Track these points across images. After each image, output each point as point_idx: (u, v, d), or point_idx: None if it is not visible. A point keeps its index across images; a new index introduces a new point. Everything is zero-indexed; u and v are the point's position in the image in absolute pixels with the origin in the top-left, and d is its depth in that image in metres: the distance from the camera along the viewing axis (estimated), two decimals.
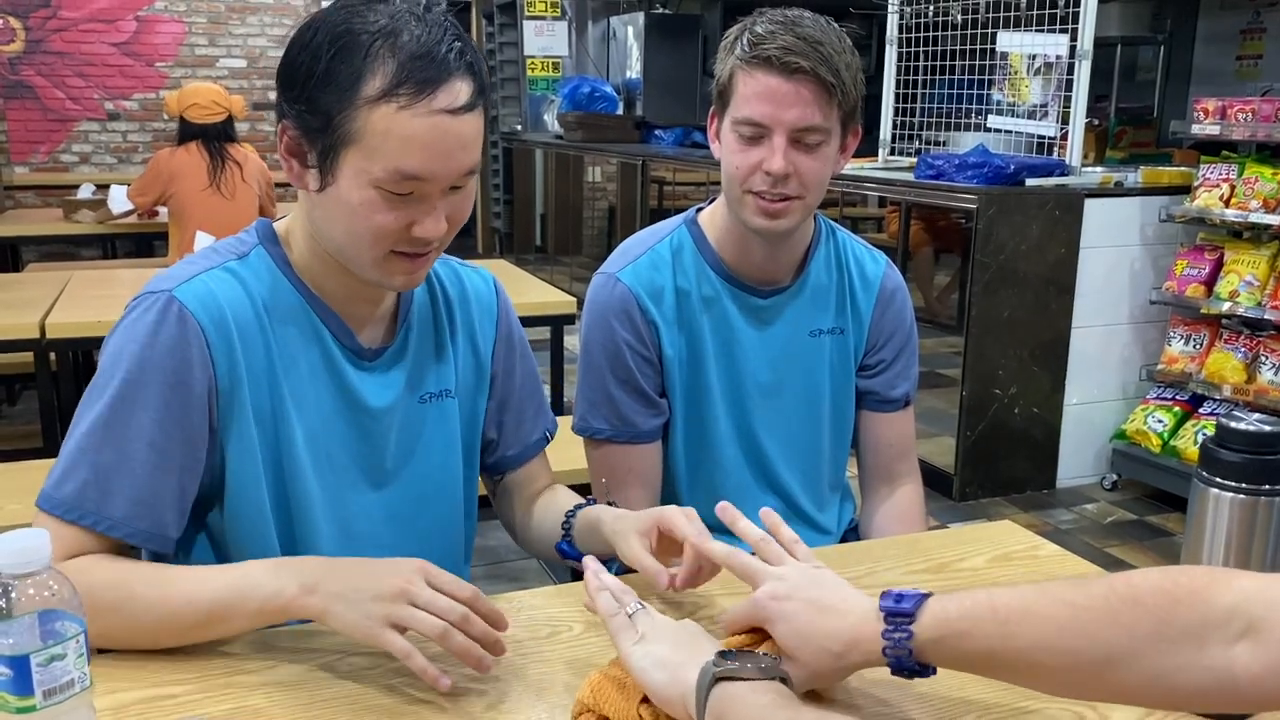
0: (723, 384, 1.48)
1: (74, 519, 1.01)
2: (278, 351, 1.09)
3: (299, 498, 1.11)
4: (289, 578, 0.96)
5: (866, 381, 1.56)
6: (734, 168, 1.36)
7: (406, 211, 1.02)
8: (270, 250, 1.11)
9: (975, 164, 3.55)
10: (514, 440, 1.31)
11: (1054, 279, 3.57)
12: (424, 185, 1.01)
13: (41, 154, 7.33)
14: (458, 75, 0.99)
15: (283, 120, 1.04)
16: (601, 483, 1.32)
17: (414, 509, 1.20)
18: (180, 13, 7.45)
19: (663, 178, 5.90)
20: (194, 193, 3.99)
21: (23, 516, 2.03)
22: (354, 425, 1.14)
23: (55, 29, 7.20)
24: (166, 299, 1.04)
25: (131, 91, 7.43)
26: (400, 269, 1.06)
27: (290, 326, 1.10)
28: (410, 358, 1.18)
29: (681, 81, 6.72)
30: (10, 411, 4.39)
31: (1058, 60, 3.59)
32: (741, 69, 1.33)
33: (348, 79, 0.98)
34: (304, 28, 1.02)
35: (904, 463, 1.60)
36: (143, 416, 1.02)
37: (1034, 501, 3.68)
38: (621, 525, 1.11)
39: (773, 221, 1.37)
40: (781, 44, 1.29)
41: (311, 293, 1.11)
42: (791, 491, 1.54)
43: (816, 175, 1.35)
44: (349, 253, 1.06)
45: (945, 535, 1.36)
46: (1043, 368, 3.64)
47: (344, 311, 1.12)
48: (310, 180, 1.04)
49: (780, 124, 1.31)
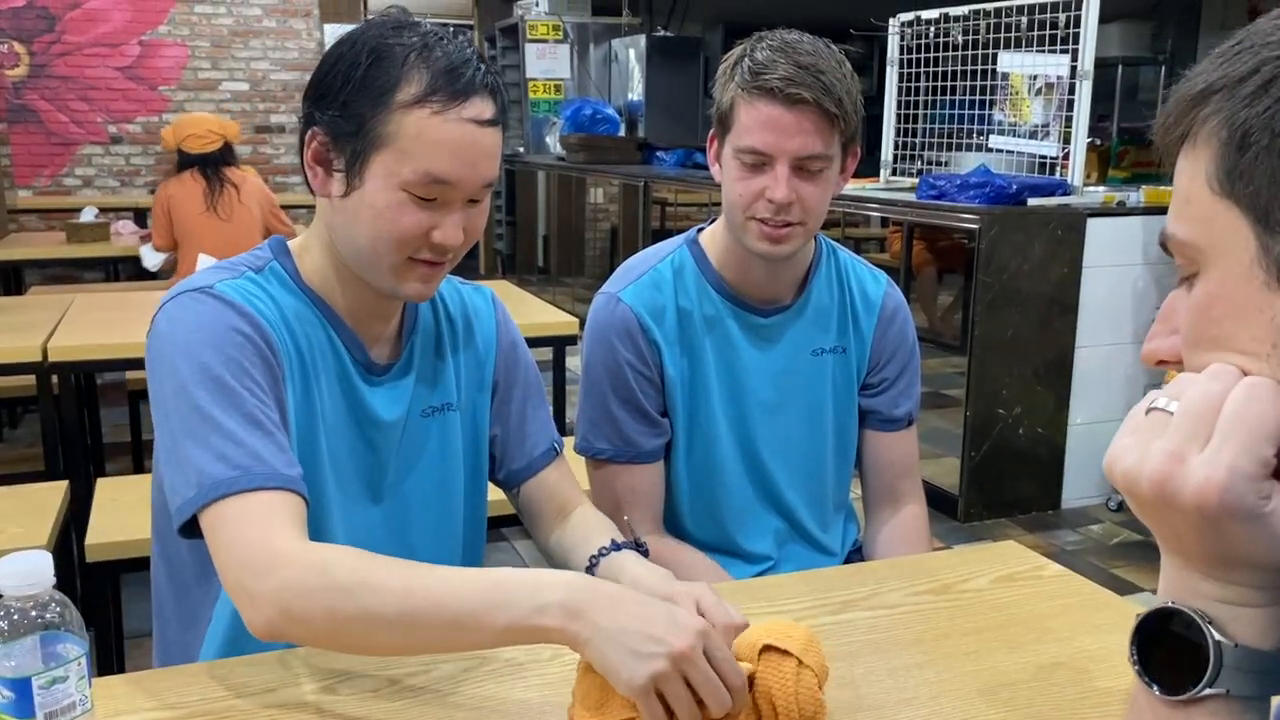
0: (725, 404, 1.48)
1: (245, 485, 0.96)
2: (305, 356, 1.11)
3: (318, 502, 1.12)
4: (551, 595, 0.88)
5: (869, 401, 1.56)
6: (736, 195, 1.37)
7: (430, 216, 1.06)
8: (284, 264, 1.13)
9: (977, 184, 3.56)
10: (518, 451, 1.30)
11: (1057, 298, 3.57)
12: (449, 191, 1.05)
13: (45, 177, 7.36)
14: (483, 92, 1.06)
15: (311, 128, 1.08)
16: (625, 520, 1.30)
17: (410, 522, 1.21)
18: (183, 37, 7.49)
19: (665, 199, 5.91)
20: (192, 216, 4.02)
21: (25, 539, 2.04)
22: (362, 437, 1.16)
23: (59, 53, 7.24)
24: (207, 293, 1.05)
25: (135, 115, 7.47)
26: (416, 276, 1.09)
27: (309, 336, 1.12)
28: (414, 372, 1.20)
29: (683, 103, 6.75)
30: (12, 435, 4.39)
31: (1059, 81, 3.60)
32: (743, 97, 1.33)
33: (384, 85, 1.03)
34: (342, 41, 1.08)
35: (908, 482, 1.59)
36: (238, 386, 1.00)
37: (1039, 522, 3.66)
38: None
39: (776, 246, 1.37)
40: (783, 74, 1.29)
41: (326, 306, 1.13)
42: (795, 512, 1.53)
43: (818, 201, 1.36)
44: (369, 258, 1.08)
45: (949, 556, 1.35)
46: (1047, 387, 3.64)
47: (356, 325, 1.15)
48: (335, 185, 1.07)
49: (783, 153, 1.32)
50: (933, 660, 1.06)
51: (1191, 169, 0.58)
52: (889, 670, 1.04)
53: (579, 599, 0.87)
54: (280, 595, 0.91)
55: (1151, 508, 0.59)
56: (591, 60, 7.61)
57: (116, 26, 7.34)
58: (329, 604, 0.90)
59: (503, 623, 0.88)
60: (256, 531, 0.94)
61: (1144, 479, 0.58)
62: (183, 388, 1.00)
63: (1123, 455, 0.60)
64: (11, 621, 0.77)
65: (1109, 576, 3.21)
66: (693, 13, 7.39)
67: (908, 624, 1.14)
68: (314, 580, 0.91)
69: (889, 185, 4.25)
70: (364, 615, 0.90)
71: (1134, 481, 0.59)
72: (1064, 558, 3.31)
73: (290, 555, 0.93)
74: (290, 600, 0.91)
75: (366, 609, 0.90)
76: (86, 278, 5.97)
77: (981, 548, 1.38)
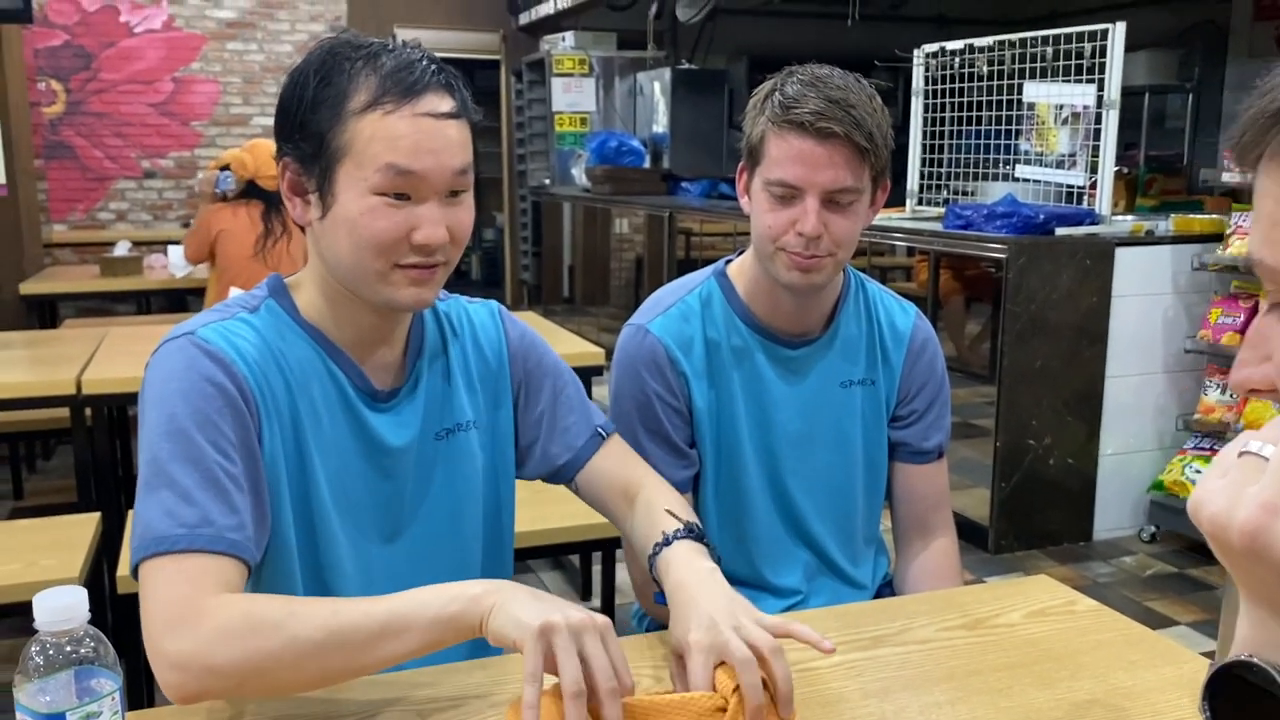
0: (753, 435, 1.48)
1: (186, 546, 0.96)
2: (297, 395, 1.10)
3: (325, 540, 1.12)
4: (470, 590, 0.95)
5: (899, 433, 1.55)
6: (766, 227, 1.37)
7: (406, 216, 1.05)
8: (280, 302, 1.13)
9: (1004, 214, 3.55)
10: (560, 447, 1.27)
11: (1086, 328, 3.55)
12: (417, 182, 1.04)
13: (80, 212, 7.48)
14: (436, 88, 1.06)
15: (282, 159, 1.09)
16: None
17: (429, 549, 1.19)
18: (215, 73, 7.62)
19: (690, 229, 5.93)
20: (239, 256, 4.00)
21: (58, 571, 2.06)
22: (373, 466, 1.15)
23: (95, 90, 7.38)
24: (189, 340, 1.06)
25: (167, 150, 7.59)
26: (408, 281, 1.08)
27: (305, 372, 1.11)
28: (423, 396, 1.18)
29: (707, 134, 6.78)
30: (45, 466, 4.43)
31: (1085, 110, 3.60)
32: (773, 131, 1.34)
33: (335, 98, 1.04)
34: (293, 70, 1.09)
35: (938, 515, 1.58)
36: (201, 439, 1.00)
37: (1071, 554, 3.62)
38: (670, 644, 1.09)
39: (805, 277, 1.37)
40: (813, 108, 1.30)
41: (323, 337, 1.13)
42: (824, 545, 1.52)
43: (848, 233, 1.36)
44: (357, 272, 1.07)
45: (980, 590, 1.34)
46: (1077, 417, 3.60)
47: (356, 354, 1.14)
48: (313, 210, 1.08)
49: (813, 186, 1.32)
50: (964, 697, 1.05)
51: (1276, 189, 0.55)
52: (920, 707, 1.03)
53: (491, 588, 0.95)
54: (200, 649, 0.91)
55: (1240, 558, 0.56)
56: (617, 93, 7.66)
57: (151, 64, 7.48)
58: (255, 644, 0.91)
59: (426, 618, 0.93)
60: (182, 592, 0.94)
61: (1234, 528, 0.55)
62: (150, 438, 1.01)
63: (1210, 499, 0.57)
64: (47, 657, 0.77)
65: (1142, 610, 3.16)
66: (717, 45, 7.44)
67: (939, 660, 1.13)
68: (238, 624, 0.92)
69: (915, 215, 4.24)
70: (292, 643, 0.92)
71: (1222, 529, 0.56)
72: (1096, 590, 3.27)
73: (213, 609, 0.93)
74: (212, 651, 0.91)
75: (295, 636, 0.92)
76: (119, 311, 6.05)
77: (1013, 582, 1.37)
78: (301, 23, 7.75)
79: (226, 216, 4.05)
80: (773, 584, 1.51)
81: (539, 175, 7.93)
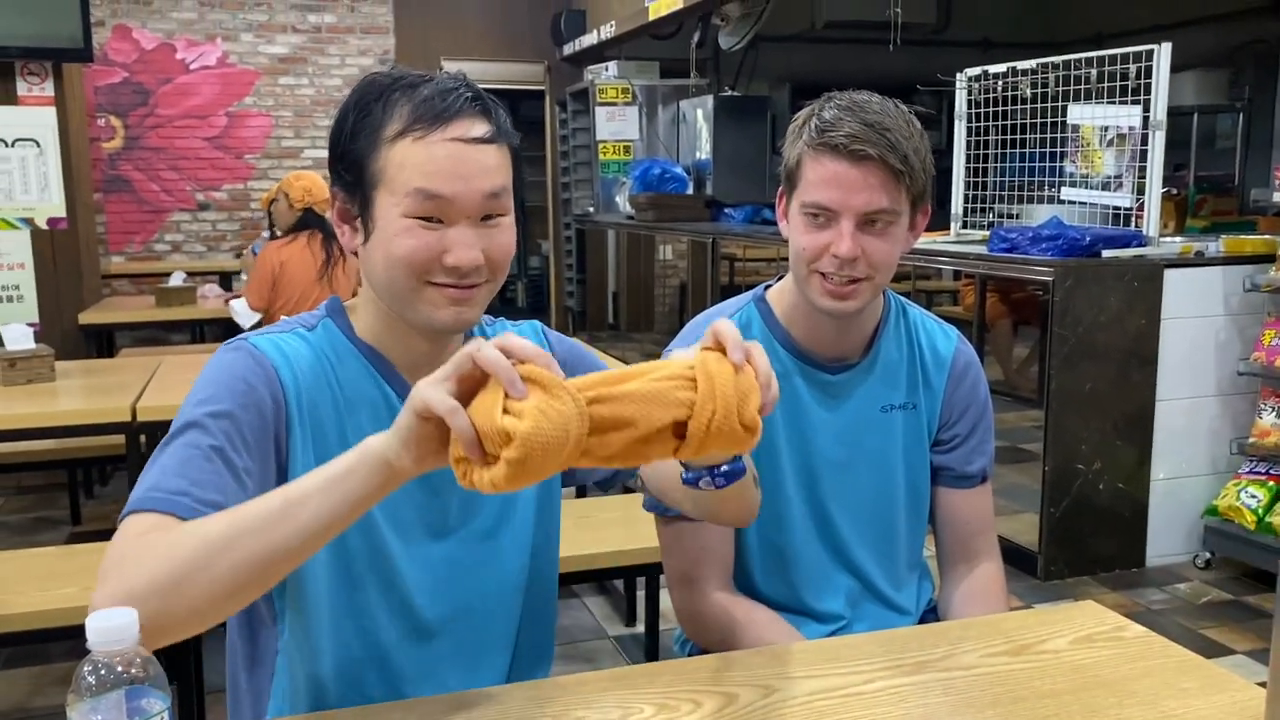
0: (793, 461, 1.47)
1: (153, 507, 0.97)
2: (345, 410, 1.12)
3: (376, 549, 1.13)
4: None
5: (941, 457, 1.54)
6: (802, 249, 1.38)
7: (438, 238, 1.06)
8: (337, 322, 1.16)
9: (1050, 236, 3.52)
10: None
11: (1136, 351, 3.50)
12: (447, 207, 1.06)
13: (136, 244, 7.66)
14: (471, 113, 1.07)
15: (333, 189, 1.13)
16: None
17: (475, 560, 1.20)
18: (268, 107, 7.79)
19: (733, 254, 5.94)
20: (306, 282, 4.08)
21: None
22: (421, 482, 1.14)
23: (152, 126, 7.57)
24: (240, 343, 1.11)
25: (221, 183, 7.76)
26: (442, 301, 1.08)
27: (356, 388, 1.13)
28: None
29: (751, 161, 6.79)
30: (102, 492, 4.53)
31: (1131, 131, 3.56)
32: (809, 154, 1.35)
33: (371, 127, 1.07)
34: (341, 103, 1.12)
35: (982, 540, 1.57)
36: (215, 428, 1.03)
37: (1123, 580, 3.55)
38: None
39: (841, 303, 1.37)
40: (848, 131, 1.31)
41: (376, 355, 1.15)
42: (867, 570, 1.51)
43: (885, 256, 1.36)
44: (392, 292, 1.09)
45: (1026, 616, 1.32)
46: (1127, 441, 3.55)
47: (410, 375, 1.15)
48: (358, 236, 1.11)
49: (848, 209, 1.33)
50: None
51: None
52: None
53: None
54: (122, 579, 0.90)
55: None
56: (660, 121, 7.71)
57: (205, 99, 7.67)
58: (166, 554, 0.90)
59: (321, 480, 0.89)
60: (128, 540, 0.95)
61: None
62: (174, 427, 1.05)
63: None
64: (99, 676, 0.79)
65: (1198, 638, 3.09)
66: (759, 72, 7.47)
67: (983, 686, 1.12)
68: (152, 543, 0.91)
69: (960, 238, 4.22)
70: (202, 543, 0.90)
71: None
72: (1150, 617, 3.20)
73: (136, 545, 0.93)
74: (129, 575, 0.90)
75: (204, 535, 0.90)
76: (174, 339, 6.18)
77: (1060, 607, 1.35)
78: (351, 57, 7.90)
79: (285, 252, 4.14)
80: (815, 609, 1.50)
81: (583, 203, 7.99)
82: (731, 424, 0.85)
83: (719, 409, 0.85)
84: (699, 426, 0.85)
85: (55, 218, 4.55)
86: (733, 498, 1.15)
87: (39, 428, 2.76)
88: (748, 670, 1.15)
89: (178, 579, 0.89)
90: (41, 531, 3.98)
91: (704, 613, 1.46)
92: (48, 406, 2.78)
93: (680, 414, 0.85)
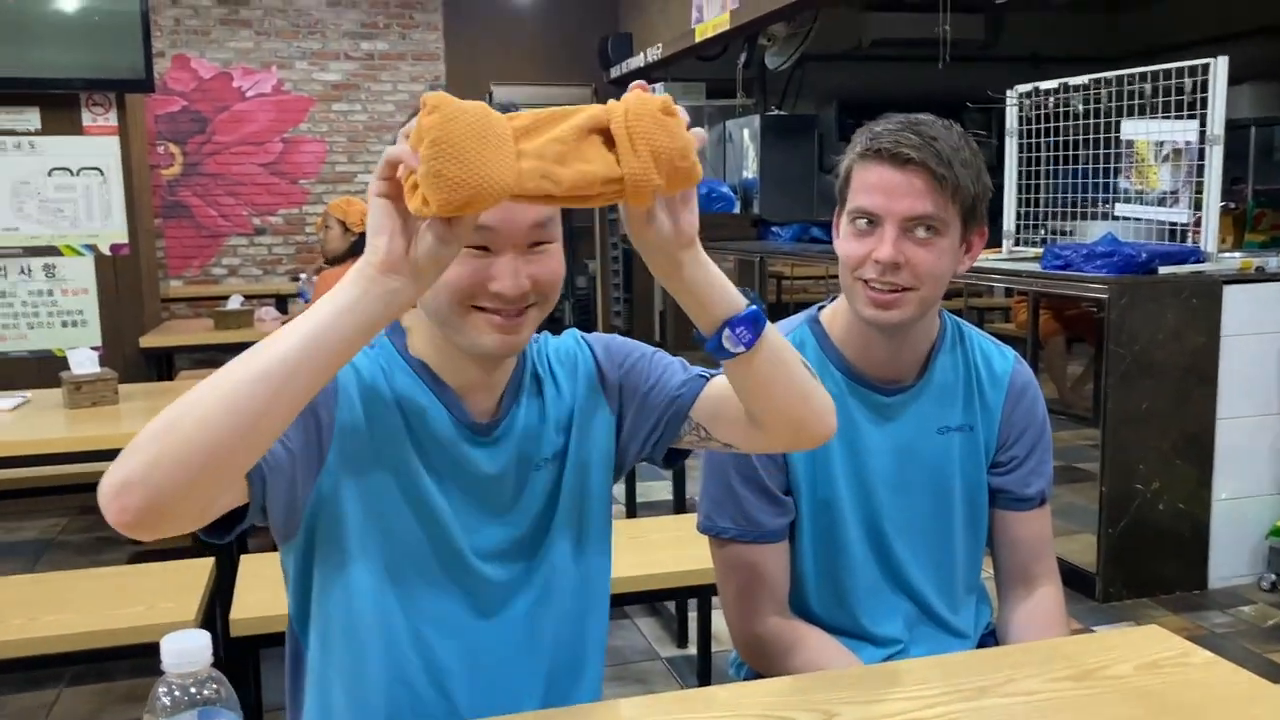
0: (849, 483, 1.47)
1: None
2: (391, 409, 1.14)
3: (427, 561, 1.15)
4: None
5: (999, 479, 1.52)
6: (846, 255, 1.39)
7: (484, 265, 1.07)
8: (394, 340, 1.18)
9: (1104, 253, 3.47)
10: (672, 405, 1.23)
11: (1194, 368, 3.44)
12: (493, 237, 1.06)
13: (194, 268, 7.83)
14: None
15: None
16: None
17: (539, 578, 1.21)
18: (322, 133, 7.94)
19: (781, 273, 5.93)
20: None
21: (177, 614, 2.14)
22: (468, 496, 1.17)
23: (209, 153, 7.75)
24: None
25: (277, 208, 7.92)
26: (487, 327, 1.09)
27: (410, 402, 1.15)
28: (519, 428, 1.21)
29: (798, 179, 6.78)
30: None
31: (1186, 146, 3.51)
32: (857, 163, 1.37)
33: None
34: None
35: (1042, 563, 1.55)
36: None
37: (1185, 603, 3.48)
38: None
39: (884, 312, 1.37)
40: (895, 138, 1.33)
41: (429, 371, 1.16)
42: (924, 594, 1.50)
43: (930, 267, 1.35)
44: (439, 317, 1.11)
45: (1088, 641, 1.30)
46: (1187, 461, 3.48)
47: (461, 391, 1.17)
48: None
49: (891, 214, 1.33)
50: None
51: None
52: None
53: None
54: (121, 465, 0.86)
55: None
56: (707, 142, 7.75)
57: (262, 126, 7.84)
58: (159, 425, 0.86)
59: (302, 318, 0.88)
60: None
61: None
62: None
63: None
64: (173, 698, 0.81)
65: (1264, 663, 3.02)
66: (806, 91, 7.47)
67: (1045, 713, 1.11)
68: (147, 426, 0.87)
69: (1012, 255, 4.18)
70: (192, 404, 0.86)
71: None
72: (1213, 641, 3.13)
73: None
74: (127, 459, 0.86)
75: (194, 398, 0.86)
76: None
77: (1123, 631, 1.33)
78: (403, 83, 8.04)
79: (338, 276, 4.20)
80: (872, 633, 1.49)
81: None
82: (649, 109, 0.88)
83: (630, 102, 0.88)
84: (618, 116, 0.87)
85: (118, 244, 4.66)
86: (779, 376, 1.10)
87: (103, 450, 2.83)
88: (805, 695, 1.14)
89: (175, 447, 0.85)
90: (104, 551, 4.07)
91: (760, 636, 1.45)
92: (111, 429, 2.85)
93: (596, 114, 0.87)
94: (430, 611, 1.16)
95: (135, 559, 3.90)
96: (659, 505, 4.47)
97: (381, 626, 1.14)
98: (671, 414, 1.24)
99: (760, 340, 1.05)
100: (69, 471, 3.39)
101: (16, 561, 3.98)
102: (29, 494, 3.90)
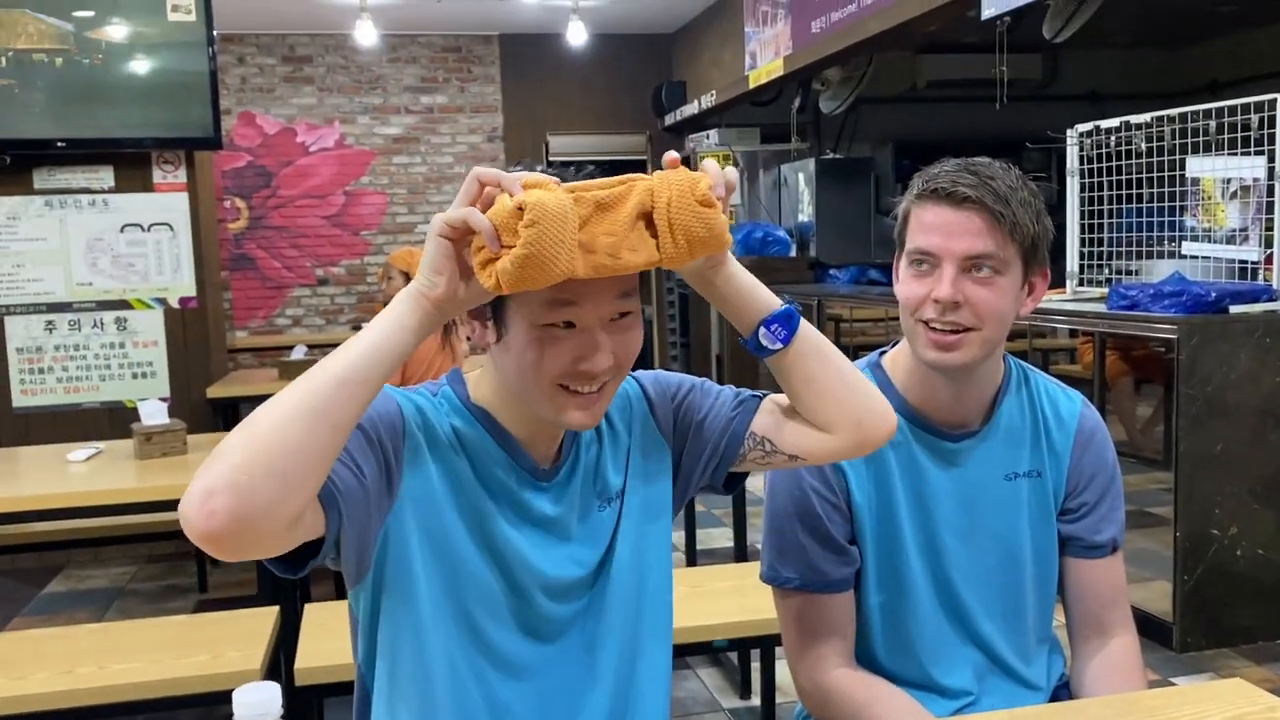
0: (915, 531, 1.44)
1: None
2: (468, 465, 1.15)
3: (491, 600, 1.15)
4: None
5: (1069, 527, 1.49)
6: (906, 298, 1.38)
7: (573, 343, 1.07)
8: (456, 390, 1.19)
9: (1172, 292, 3.40)
10: (726, 433, 1.24)
11: (1271, 410, 3.34)
12: (579, 312, 1.06)
13: (259, 318, 8.01)
14: None
15: None
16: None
17: (600, 615, 1.21)
18: (383, 185, 8.11)
19: (839, 315, 5.90)
20: (430, 351, 4.22)
21: (242, 663, 2.16)
22: (535, 536, 1.17)
23: (274, 206, 7.95)
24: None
25: (339, 259, 8.08)
26: (574, 405, 1.10)
27: (475, 447, 1.16)
28: (581, 471, 1.21)
29: (854, 221, 6.77)
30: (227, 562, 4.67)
31: (1255, 183, 3.44)
32: (915, 204, 1.37)
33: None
34: None
35: (1116, 612, 1.50)
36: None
37: (1268, 653, 3.35)
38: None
39: (946, 354, 1.35)
40: (952, 178, 1.32)
41: (491, 419, 1.17)
42: (994, 644, 1.47)
43: (990, 307, 1.33)
44: (525, 396, 1.12)
45: (1170, 694, 1.26)
46: (1266, 505, 3.37)
47: (523, 439, 1.17)
48: (490, 336, 1.12)
49: (950, 253, 1.32)
50: None
51: None
52: None
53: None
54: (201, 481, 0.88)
55: None
56: (761, 185, 7.76)
57: (324, 179, 8.03)
58: (237, 440, 0.89)
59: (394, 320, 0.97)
60: None
61: None
62: None
63: None
64: None
65: None
66: (860, 134, 7.48)
67: None
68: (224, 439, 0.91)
69: (1076, 296, 4.11)
70: (265, 417, 0.90)
71: None
72: None
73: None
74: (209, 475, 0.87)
75: (267, 411, 0.90)
76: None
77: (1204, 685, 1.29)
78: (461, 135, 8.20)
79: None
80: (941, 684, 1.45)
81: None
82: (688, 201, 0.99)
83: (673, 191, 1.00)
84: (660, 207, 1.00)
85: (186, 297, 4.78)
86: (824, 370, 1.17)
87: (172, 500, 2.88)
88: None
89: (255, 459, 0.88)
90: (170, 599, 4.14)
91: (827, 688, 1.43)
92: (180, 479, 2.90)
93: (644, 200, 1.00)
94: (496, 651, 1.16)
95: (201, 607, 3.95)
96: (719, 553, 4.44)
97: (448, 667, 1.14)
98: (729, 437, 1.25)
99: (796, 336, 1.14)
100: (139, 521, 3.47)
101: (88, 609, 4.05)
102: (101, 543, 3.98)
